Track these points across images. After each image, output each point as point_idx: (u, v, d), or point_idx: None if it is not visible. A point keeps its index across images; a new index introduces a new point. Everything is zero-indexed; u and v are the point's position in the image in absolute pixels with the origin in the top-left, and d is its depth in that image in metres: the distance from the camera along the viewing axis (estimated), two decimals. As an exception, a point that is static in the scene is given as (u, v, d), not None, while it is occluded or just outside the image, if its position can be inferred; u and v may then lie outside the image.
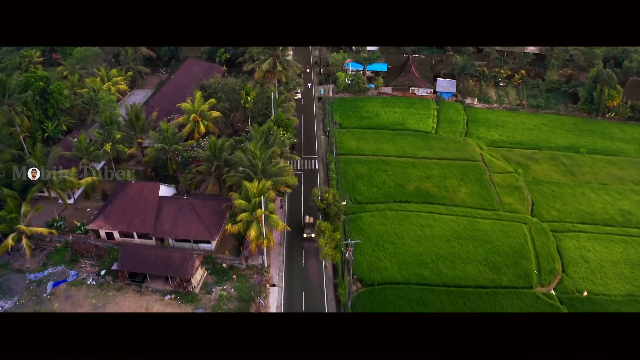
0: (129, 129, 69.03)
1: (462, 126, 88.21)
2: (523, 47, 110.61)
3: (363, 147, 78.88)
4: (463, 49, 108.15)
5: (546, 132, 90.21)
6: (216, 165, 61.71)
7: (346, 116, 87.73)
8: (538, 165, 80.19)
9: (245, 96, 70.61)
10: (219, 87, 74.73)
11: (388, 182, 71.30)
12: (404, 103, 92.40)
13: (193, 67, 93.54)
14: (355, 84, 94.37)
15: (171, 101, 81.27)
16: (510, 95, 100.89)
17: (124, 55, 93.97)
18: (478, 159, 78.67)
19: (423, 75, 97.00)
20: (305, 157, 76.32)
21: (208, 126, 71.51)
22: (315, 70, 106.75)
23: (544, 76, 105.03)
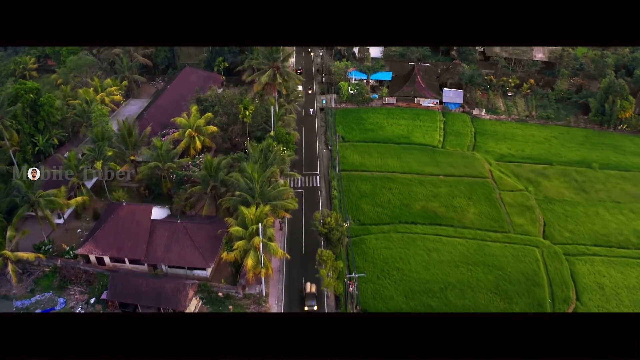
0: (121, 145, 65.82)
1: (469, 139, 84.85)
2: (531, 54, 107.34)
3: (367, 163, 75.58)
4: (470, 57, 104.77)
5: (557, 145, 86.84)
6: (212, 186, 58.52)
7: (349, 128, 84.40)
8: (549, 182, 76.85)
9: (243, 110, 67.38)
10: (215, 100, 71.44)
11: (393, 201, 68.02)
12: (409, 114, 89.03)
13: (190, 77, 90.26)
14: (358, 94, 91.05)
15: (167, 113, 78.08)
16: (518, 105, 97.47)
17: (119, 64, 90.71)
18: (487, 175, 75.34)
19: (429, 85, 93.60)
20: (307, 174, 73.04)
21: (204, 142, 68.32)
22: (317, 78, 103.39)
23: (553, 85, 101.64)
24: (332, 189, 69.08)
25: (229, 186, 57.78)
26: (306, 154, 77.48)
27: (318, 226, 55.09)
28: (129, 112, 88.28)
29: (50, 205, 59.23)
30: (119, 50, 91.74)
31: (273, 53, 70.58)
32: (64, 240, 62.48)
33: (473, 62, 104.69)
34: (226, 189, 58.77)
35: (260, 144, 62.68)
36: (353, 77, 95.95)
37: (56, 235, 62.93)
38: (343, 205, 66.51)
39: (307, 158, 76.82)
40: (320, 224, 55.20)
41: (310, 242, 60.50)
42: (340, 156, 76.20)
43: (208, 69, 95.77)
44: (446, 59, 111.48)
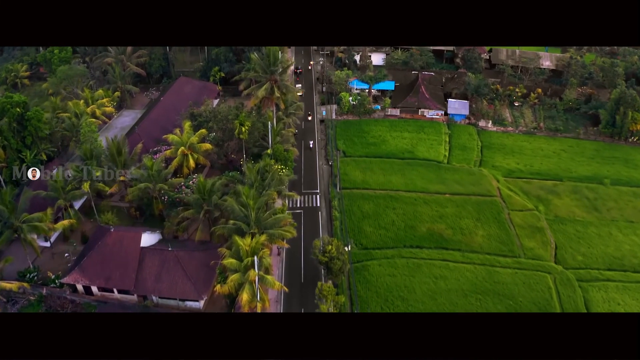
0: (110, 163, 62.45)
1: (476, 154, 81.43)
2: (538, 62, 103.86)
3: (369, 180, 72.20)
4: (475, 65, 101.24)
5: (566, 159, 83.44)
6: (205, 210, 55.21)
7: (350, 142, 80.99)
8: (560, 200, 73.51)
9: (239, 127, 63.99)
10: (210, 115, 67.98)
11: (397, 223, 64.69)
12: (413, 127, 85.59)
13: (185, 87, 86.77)
14: (360, 105, 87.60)
15: (159, 127, 74.69)
16: (526, 116, 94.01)
17: (112, 74, 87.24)
18: (495, 193, 71.98)
19: (433, 96, 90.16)
20: (306, 192, 69.64)
21: (198, 159, 64.95)
22: (317, 87, 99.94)
23: (561, 95, 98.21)
24: (333, 210, 65.77)
25: (224, 210, 54.50)
26: (306, 171, 74.06)
27: (318, 255, 51.80)
28: (122, 124, 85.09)
29: (35, 230, 56.00)
30: (112, 59, 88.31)
31: (271, 65, 67.10)
32: (51, 265, 59.25)
33: (478, 71, 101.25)
34: (220, 213, 55.51)
35: (257, 164, 59.34)
36: (354, 86, 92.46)
37: (42, 260, 59.73)
38: (344, 227, 63.19)
39: (307, 175, 73.38)
40: (321, 252, 51.91)
41: (310, 269, 57.20)
42: (342, 173, 72.84)
43: (204, 78, 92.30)
44: (450, 67, 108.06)
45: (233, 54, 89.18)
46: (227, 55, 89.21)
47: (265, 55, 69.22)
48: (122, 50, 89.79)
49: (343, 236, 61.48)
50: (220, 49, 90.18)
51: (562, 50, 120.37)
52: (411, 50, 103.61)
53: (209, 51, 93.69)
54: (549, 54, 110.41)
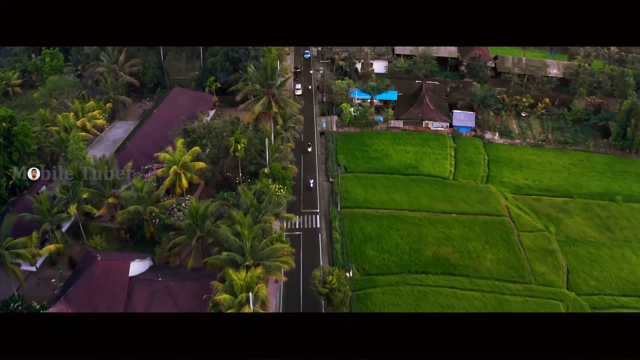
0: (99, 184, 59.21)
1: (483, 169, 78.15)
2: (545, 70, 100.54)
3: (372, 198, 68.94)
4: (480, 74, 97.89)
5: (576, 174, 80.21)
6: (198, 236, 51.99)
7: (352, 157, 77.68)
8: (571, 219, 70.30)
9: (234, 144, 60.72)
10: (204, 132, 64.63)
11: (401, 246, 61.48)
12: (417, 140, 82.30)
13: (180, 98, 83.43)
14: (361, 117, 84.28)
15: (152, 142, 71.42)
16: (534, 127, 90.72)
17: (104, 84, 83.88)
18: (504, 212, 68.73)
19: (438, 106, 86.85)
20: (305, 212, 66.34)
21: (192, 179, 61.67)
22: (317, 97, 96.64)
23: (569, 105, 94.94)
24: (334, 231, 62.55)
25: (217, 236, 51.28)
26: (305, 188, 70.74)
27: (318, 286, 48.58)
28: (114, 136, 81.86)
29: (18, 257, 52.83)
30: (103, 68, 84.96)
31: (268, 78, 63.76)
32: (37, 292, 56.08)
33: (484, 80, 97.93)
34: (214, 239, 52.30)
35: (253, 186, 56.10)
36: (356, 96, 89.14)
37: (28, 286, 56.60)
38: (345, 251, 59.99)
39: (306, 192, 70.09)
40: (321, 283, 48.69)
41: (310, 298, 53.67)
42: (343, 190, 69.56)
43: (199, 88, 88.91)
44: (455, 75, 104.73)
45: (230, 63, 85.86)
46: (224, 64, 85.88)
47: (262, 68, 65.87)
48: (115, 59, 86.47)
49: (344, 261, 58.30)
50: (217, 57, 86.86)
51: (569, 58, 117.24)
52: (414, 58, 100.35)
53: (205, 60, 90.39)
54: (555, 61, 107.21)
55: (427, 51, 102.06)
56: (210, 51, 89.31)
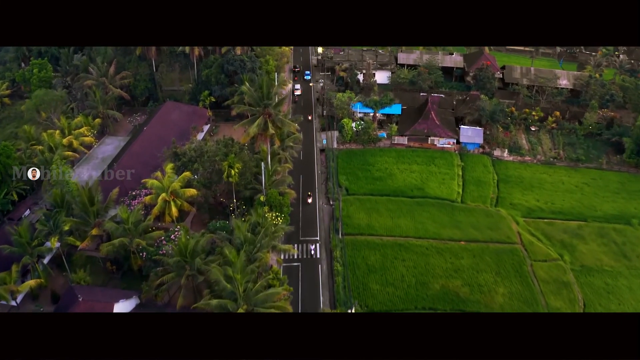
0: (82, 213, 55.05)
1: (492, 189, 74.00)
2: (555, 82, 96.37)
3: (375, 224, 64.77)
4: (488, 85, 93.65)
5: (590, 194, 76.12)
6: (187, 275, 47.85)
7: (354, 177, 73.49)
8: (585, 246, 66.25)
9: (228, 169, 56.57)
10: (195, 155, 60.34)
11: (407, 278, 57.38)
12: (423, 158, 78.10)
13: (172, 113, 79.12)
14: (364, 133, 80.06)
15: (141, 163, 67.22)
16: (544, 143, 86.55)
17: (92, 98, 79.59)
18: (515, 239, 64.60)
19: (444, 122, 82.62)
20: (304, 240, 62.17)
21: (182, 206, 57.51)
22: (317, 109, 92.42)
23: (580, 118, 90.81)
24: (335, 262, 58.42)
25: (208, 276, 47.14)
26: (304, 212, 66.59)
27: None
28: (103, 153, 77.62)
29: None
30: (92, 81, 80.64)
31: (264, 98, 59.50)
32: (14, 329, 51.97)
33: (491, 92, 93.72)
34: (205, 278, 48.16)
35: (248, 218, 51.90)
36: (357, 110, 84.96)
37: (5, 323, 52.44)
38: (347, 284, 55.90)
39: (305, 218, 65.91)
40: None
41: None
42: (344, 215, 65.39)
43: (193, 101, 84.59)
44: (461, 86, 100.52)
45: (225, 76, 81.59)
46: (219, 76, 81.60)
47: (257, 85, 61.64)
48: (104, 71, 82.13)
49: (346, 297, 54.23)
50: (211, 69, 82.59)
51: (579, 67, 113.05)
52: (418, 69, 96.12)
53: (199, 72, 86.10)
54: (565, 72, 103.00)
55: (431, 61, 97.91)
56: (205, 63, 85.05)
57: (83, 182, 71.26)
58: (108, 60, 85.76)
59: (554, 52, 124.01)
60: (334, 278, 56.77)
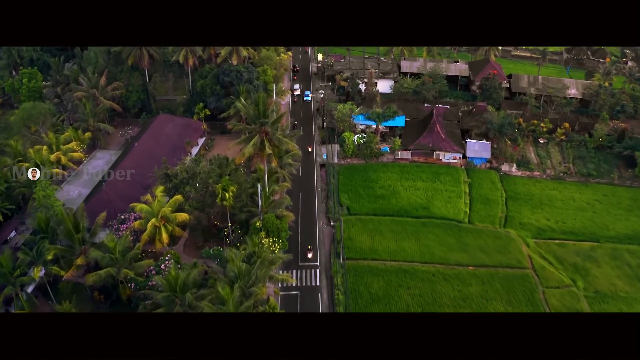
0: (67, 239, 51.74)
1: (500, 208, 70.61)
2: (565, 91, 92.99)
3: (378, 247, 61.44)
4: (494, 95, 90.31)
5: (602, 212, 72.78)
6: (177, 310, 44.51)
7: (355, 195, 70.12)
8: (599, 269, 62.93)
9: (222, 192, 53.24)
10: (187, 177, 56.90)
11: (413, 308, 53.92)
12: (428, 174, 74.71)
13: (165, 127, 75.70)
14: (366, 147, 76.68)
15: (132, 182, 63.84)
16: (553, 156, 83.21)
17: (82, 111, 76.15)
18: (526, 264, 61.26)
19: (450, 134, 79.20)
20: (303, 266, 58.83)
21: (173, 231, 54.13)
22: (317, 121, 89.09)
23: (590, 130, 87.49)
24: (336, 290, 55.10)
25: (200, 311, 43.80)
26: (303, 235, 63.22)
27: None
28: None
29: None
30: (82, 93, 77.18)
31: (260, 115, 56.09)
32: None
33: (498, 102, 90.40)
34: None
35: (242, 250, 48.51)
36: (359, 122, 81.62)
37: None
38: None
39: (304, 241, 62.54)
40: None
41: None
42: (345, 237, 62.03)
43: (187, 113, 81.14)
44: (466, 95, 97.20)
45: (221, 87, 78.16)
46: (214, 87, 78.18)
47: (254, 102, 58.23)
48: (95, 82, 78.67)
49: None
50: (206, 80, 79.19)
51: (587, 75, 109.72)
52: (422, 78, 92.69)
53: (194, 82, 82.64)
54: (574, 80, 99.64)
55: (435, 69, 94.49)
56: (200, 73, 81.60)
57: (73, 198, 69.10)
58: (99, 70, 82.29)
59: (560, 59, 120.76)
60: (335, 308, 53.43)
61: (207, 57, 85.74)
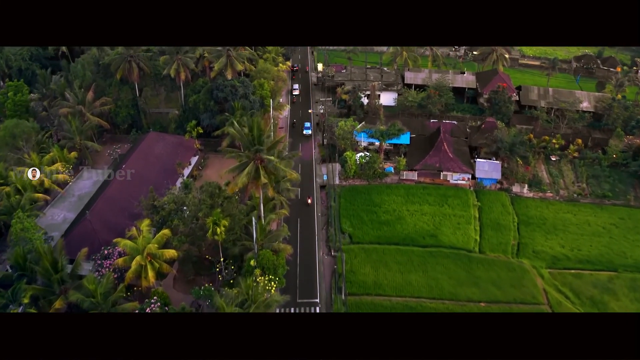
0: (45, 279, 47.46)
1: (513, 234, 66.28)
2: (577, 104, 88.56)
3: (383, 281, 57.10)
4: (504, 109, 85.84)
5: (618, 237, 68.44)
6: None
7: (358, 220, 65.78)
8: (617, 302, 58.59)
9: (213, 226, 48.93)
10: (175, 208, 52.49)
11: (420, 352, 49.83)
12: (435, 196, 70.31)
13: (155, 146, 71.19)
14: (369, 168, 72.31)
15: (118, 209, 59.69)
16: (566, 175, 78.85)
17: (68, 129, 71.72)
18: (541, 299, 56.96)
19: (458, 153, 74.84)
20: (302, 302, 54.50)
21: (161, 268, 49.75)
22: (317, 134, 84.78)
23: (604, 146, 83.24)
24: (337, 330, 50.82)
25: None
26: (302, 269, 58.87)
27: None
28: (80, 190, 69.91)
29: None
30: (67, 109, 72.76)
31: (255, 141, 51.63)
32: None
33: (507, 116, 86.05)
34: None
35: (236, 295, 44.17)
36: (362, 139, 77.25)
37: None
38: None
39: (303, 273, 58.19)
40: None
41: None
42: (348, 270, 57.75)
43: (179, 130, 76.58)
44: (473, 108, 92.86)
45: (215, 102, 73.73)
46: (207, 103, 73.73)
47: (248, 126, 53.78)
48: (82, 97, 74.20)
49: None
50: (199, 95, 74.76)
51: (598, 85, 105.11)
52: (427, 90, 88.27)
53: (186, 97, 78.16)
54: (586, 93, 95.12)
55: (441, 81, 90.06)
56: (192, 87, 77.14)
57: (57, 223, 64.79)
58: (87, 83, 77.80)
59: (569, 68, 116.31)
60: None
61: (200, 70, 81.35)
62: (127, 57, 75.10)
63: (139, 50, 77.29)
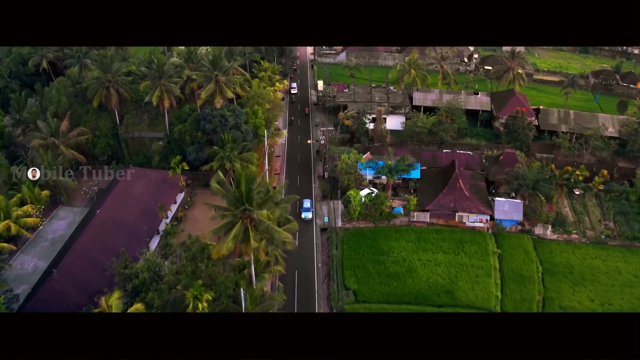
0: None
1: (537, 287, 58.77)
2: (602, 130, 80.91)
3: (392, 351, 49.84)
4: (522, 135, 78.25)
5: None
6: None
7: (364, 273, 58.19)
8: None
9: (193, 301, 41.39)
10: (149, 278, 44.73)
11: None
12: (450, 242, 62.70)
13: (136, 184, 63.40)
14: (375, 208, 64.71)
15: (89, 264, 52.10)
16: (591, 212, 71.39)
17: (39, 163, 63.97)
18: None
19: (474, 190, 67.24)
20: (301, 381, 47.26)
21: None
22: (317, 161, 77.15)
23: (631, 177, 75.78)
24: (341, 418, 43.56)
25: None
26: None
27: None
28: (54, 233, 62.61)
29: None
30: (39, 142, 64.98)
31: (244, 198, 43.81)
32: None
33: (526, 144, 78.51)
34: None
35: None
36: (367, 174, 69.60)
37: None
38: None
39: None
40: None
41: None
42: (352, 337, 50.43)
43: (164, 162, 68.69)
44: (488, 133, 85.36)
45: (202, 133, 65.97)
46: (194, 134, 65.98)
47: (235, 181, 46.04)
48: (55, 128, 66.34)
49: None
50: (185, 125, 67.05)
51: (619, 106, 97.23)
52: (438, 113, 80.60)
53: (171, 125, 70.40)
54: (609, 116, 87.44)
55: (453, 103, 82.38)
56: (178, 115, 69.41)
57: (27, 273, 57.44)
58: (62, 110, 69.95)
59: (586, 84, 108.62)
60: None
61: (188, 93, 73.59)
62: (105, 82, 67.30)
63: (118, 73, 69.54)
